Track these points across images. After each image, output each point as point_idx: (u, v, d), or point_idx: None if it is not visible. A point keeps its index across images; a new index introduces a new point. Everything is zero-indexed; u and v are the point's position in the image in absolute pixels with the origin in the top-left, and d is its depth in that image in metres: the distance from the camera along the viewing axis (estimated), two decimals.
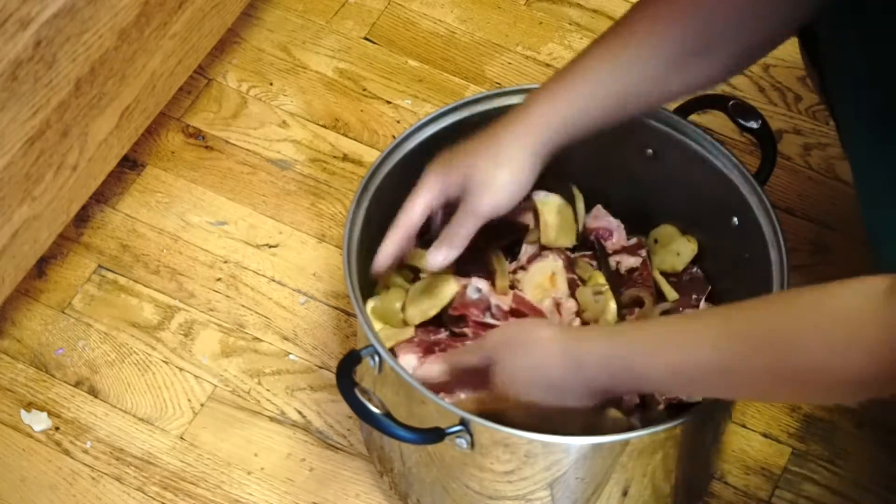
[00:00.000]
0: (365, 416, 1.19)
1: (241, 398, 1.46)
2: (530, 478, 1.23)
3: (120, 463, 1.42)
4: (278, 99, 1.67)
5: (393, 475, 1.36)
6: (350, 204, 1.31)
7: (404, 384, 1.21)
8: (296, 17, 1.74)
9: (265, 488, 1.41)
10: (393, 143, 1.35)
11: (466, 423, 1.19)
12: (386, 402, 1.19)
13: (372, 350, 1.22)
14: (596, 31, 1.73)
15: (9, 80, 1.26)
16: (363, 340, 1.26)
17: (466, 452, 1.21)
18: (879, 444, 1.43)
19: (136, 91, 1.47)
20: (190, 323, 1.50)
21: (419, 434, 1.19)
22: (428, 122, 1.36)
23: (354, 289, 1.25)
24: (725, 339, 1.04)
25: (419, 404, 1.22)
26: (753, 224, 1.30)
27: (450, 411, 1.19)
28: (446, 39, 1.73)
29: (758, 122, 1.35)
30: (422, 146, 1.35)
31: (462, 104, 1.37)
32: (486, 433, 1.19)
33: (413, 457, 1.30)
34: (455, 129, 1.35)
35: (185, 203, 1.59)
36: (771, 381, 1.03)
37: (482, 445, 1.20)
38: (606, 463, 1.22)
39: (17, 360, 1.48)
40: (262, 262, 1.55)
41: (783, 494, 1.41)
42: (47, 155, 1.36)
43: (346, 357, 1.22)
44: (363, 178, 1.32)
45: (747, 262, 1.32)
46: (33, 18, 1.25)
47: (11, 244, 1.36)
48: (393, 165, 1.34)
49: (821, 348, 0.98)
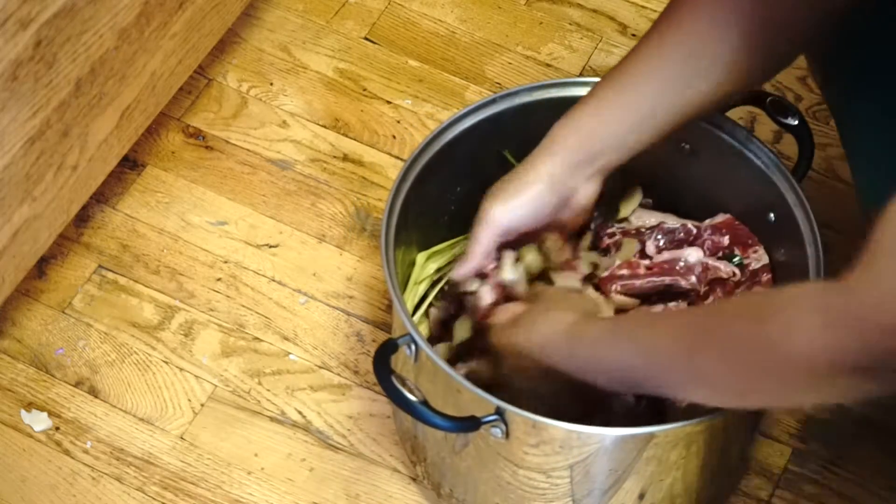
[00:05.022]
0: (402, 403, 1.18)
1: (241, 398, 1.46)
2: (562, 467, 1.23)
3: (120, 463, 1.42)
4: (278, 99, 1.67)
5: (426, 465, 1.36)
6: (388, 194, 1.31)
7: (441, 372, 1.21)
8: (296, 17, 1.74)
9: (265, 488, 1.41)
10: (436, 130, 1.35)
11: (502, 412, 1.19)
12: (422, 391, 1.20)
13: (409, 339, 1.22)
14: (596, 31, 1.73)
15: (9, 80, 1.26)
16: (399, 329, 1.26)
17: (501, 441, 1.21)
18: (879, 444, 1.43)
19: (136, 91, 1.47)
20: (190, 323, 1.50)
21: (455, 422, 1.19)
22: (466, 115, 1.37)
23: (392, 277, 1.25)
24: (684, 328, 1.08)
25: (455, 393, 1.21)
26: (790, 220, 1.30)
27: (485, 400, 1.19)
28: (446, 39, 1.73)
29: (796, 118, 1.35)
30: (463, 135, 1.36)
31: (500, 97, 1.38)
32: (521, 422, 1.19)
33: (447, 446, 1.30)
34: (493, 120, 1.37)
35: (186, 203, 1.59)
36: (725, 371, 1.03)
37: (517, 434, 1.20)
38: (637, 453, 1.22)
39: (18, 360, 1.48)
40: (262, 262, 1.55)
41: (783, 494, 1.41)
42: (47, 155, 1.36)
43: (383, 345, 1.22)
44: (405, 163, 1.33)
45: (782, 256, 1.33)
46: (33, 18, 1.25)
47: (12, 244, 1.36)
48: (435, 152, 1.35)
49: (762, 329, 0.98)
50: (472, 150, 1.37)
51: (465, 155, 1.36)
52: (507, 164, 1.36)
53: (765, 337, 0.98)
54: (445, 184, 1.38)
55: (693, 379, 1.08)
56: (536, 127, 1.35)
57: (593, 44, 1.73)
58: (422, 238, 1.40)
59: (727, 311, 1.08)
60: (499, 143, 1.38)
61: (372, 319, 1.51)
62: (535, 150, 1.28)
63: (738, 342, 1.01)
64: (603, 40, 1.73)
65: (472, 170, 1.37)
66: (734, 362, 1.02)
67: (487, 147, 1.38)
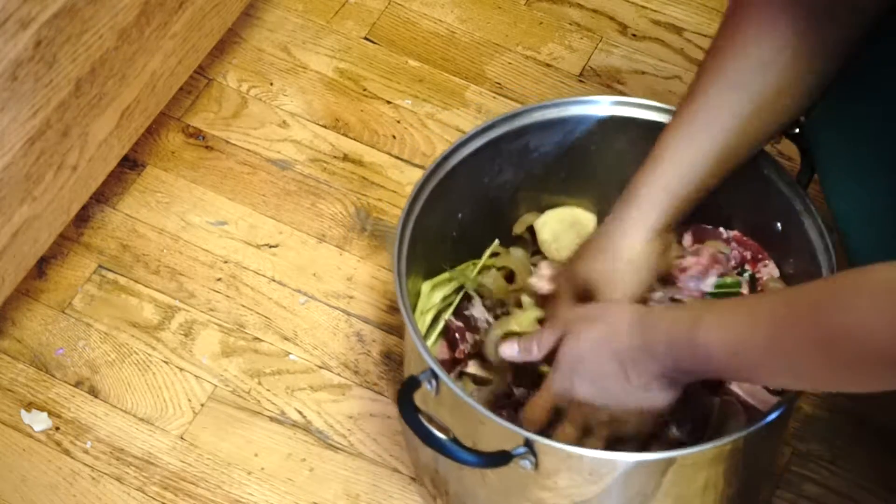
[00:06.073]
0: (432, 442, 1.16)
1: (241, 398, 1.46)
2: (592, 494, 1.21)
3: (120, 463, 1.42)
4: (278, 99, 1.67)
5: (448, 498, 1.34)
6: (397, 223, 1.29)
7: (464, 406, 1.19)
8: (296, 17, 1.74)
9: (265, 488, 1.41)
10: (438, 159, 1.33)
11: (531, 443, 1.17)
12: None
13: (430, 373, 1.21)
14: (596, 31, 1.73)
15: (9, 80, 1.26)
16: (417, 364, 1.23)
17: (530, 473, 1.19)
18: (879, 444, 1.43)
19: (136, 91, 1.47)
20: (190, 323, 1.50)
21: (486, 458, 1.17)
22: (467, 141, 1.35)
23: (408, 311, 1.23)
24: (773, 314, 1.06)
25: (478, 425, 1.20)
26: (798, 229, 1.29)
27: (513, 432, 1.17)
28: (446, 39, 1.73)
29: (796, 126, 1.34)
30: (464, 162, 1.35)
31: (499, 120, 1.36)
32: (551, 453, 1.17)
33: (471, 478, 1.28)
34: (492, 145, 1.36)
35: (186, 203, 1.59)
36: (813, 354, 1.02)
37: (545, 465, 1.18)
38: (670, 479, 1.20)
39: (18, 360, 1.48)
40: (262, 262, 1.55)
41: (783, 494, 1.41)
42: (48, 155, 1.36)
43: (406, 383, 1.20)
44: (412, 193, 1.31)
45: (793, 266, 1.32)
46: (34, 18, 1.26)
47: (12, 244, 1.36)
48: (439, 180, 1.33)
49: (859, 314, 0.98)
50: (473, 176, 1.36)
51: (466, 181, 1.35)
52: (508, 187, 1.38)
53: (866, 314, 0.97)
54: (448, 210, 1.36)
55: (778, 368, 1.07)
56: (536, 148, 1.36)
57: (593, 44, 1.73)
58: (425, 265, 1.37)
59: (818, 289, 1.06)
60: (498, 166, 1.37)
61: (372, 319, 1.51)
62: (623, 210, 1.25)
63: (835, 318, 1.00)
64: (603, 40, 1.73)
65: (473, 195, 1.37)
66: (814, 352, 1.01)
67: (488, 171, 1.37)
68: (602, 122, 1.36)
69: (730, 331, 1.09)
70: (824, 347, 1.01)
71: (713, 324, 1.10)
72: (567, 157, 1.39)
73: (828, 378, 1.05)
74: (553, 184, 1.41)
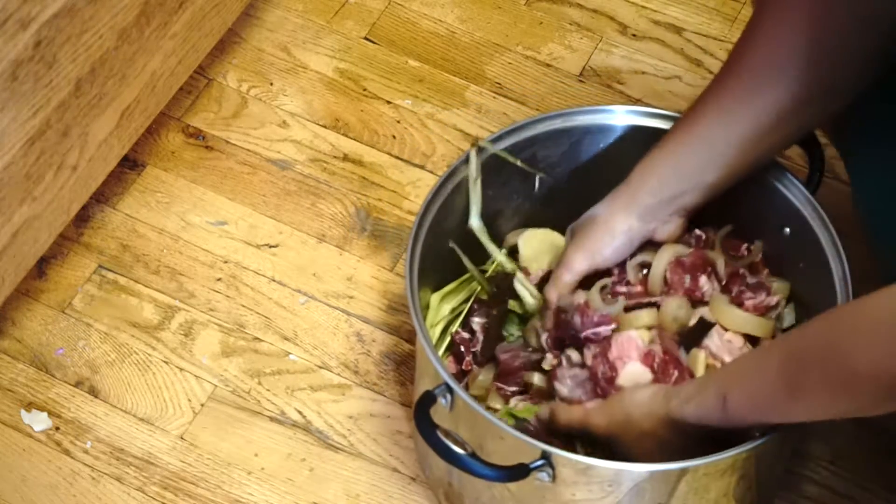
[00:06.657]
0: (450, 458, 1.16)
1: (241, 398, 1.46)
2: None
3: (120, 463, 1.42)
4: (278, 99, 1.67)
5: None
6: (408, 238, 1.30)
7: (481, 419, 1.19)
8: (296, 17, 1.74)
9: (265, 488, 1.41)
10: (447, 172, 1.34)
11: (548, 455, 1.17)
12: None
13: (444, 388, 1.21)
14: (596, 31, 1.73)
15: (9, 80, 1.26)
16: (431, 378, 1.23)
17: (547, 485, 1.19)
18: (880, 444, 1.43)
19: (136, 91, 1.47)
20: (190, 323, 1.50)
21: (506, 472, 1.17)
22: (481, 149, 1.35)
23: (422, 327, 1.23)
24: (784, 359, 1.08)
25: (496, 439, 1.20)
26: (808, 234, 1.29)
27: (530, 445, 1.17)
28: (446, 39, 1.73)
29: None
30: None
31: (506, 132, 1.36)
32: (569, 465, 1.17)
33: (487, 492, 1.27)
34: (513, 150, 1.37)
35: (186, 203, 1.59)
36: (829, 395, 1.04)
37: (563, 477, 1.18)
38: (683, 488, 1.20)
39: (18, 360, 1.48)
40: (262, 262, 1.55)
41: (783, 494, 1.41)
42: (47, 155, 1.36)
43: (422, 400, 1.20)
44: (420, 209, 1.31)
45: (803, 272, 1.31)
46: (33, 18, 1.26)
47: (12, 244, 1.36)
48: (448, 194, 1.34)
49: (865, 351, 0.99)
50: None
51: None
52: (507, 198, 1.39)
53: (869, 351, 0.98)
54: (453, 221, 1.36)
55: (793, 410, 1.10)
56: (544, 159, 1.36)
57: (593, 44, 1.73)
58: (431, 276, 1.37)
59: (822, 330, 1.07)
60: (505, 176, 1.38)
61: (372, 319, 1.51)
62: (616, 192, 1.30)
63: (840, 361, 1.02)
64: (603, 40, 1.73)
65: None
66: (837, 384, 1.03)
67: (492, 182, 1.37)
68: (612, 131, 1.37)
69: (753, 398, 1.12)
70: (843, 391, 1.03)
71: (729, 379, 1.15)
72: (574, 170, 1.40)
73: (856, 411, 1.06)
74: (555, 197, 1.41)
